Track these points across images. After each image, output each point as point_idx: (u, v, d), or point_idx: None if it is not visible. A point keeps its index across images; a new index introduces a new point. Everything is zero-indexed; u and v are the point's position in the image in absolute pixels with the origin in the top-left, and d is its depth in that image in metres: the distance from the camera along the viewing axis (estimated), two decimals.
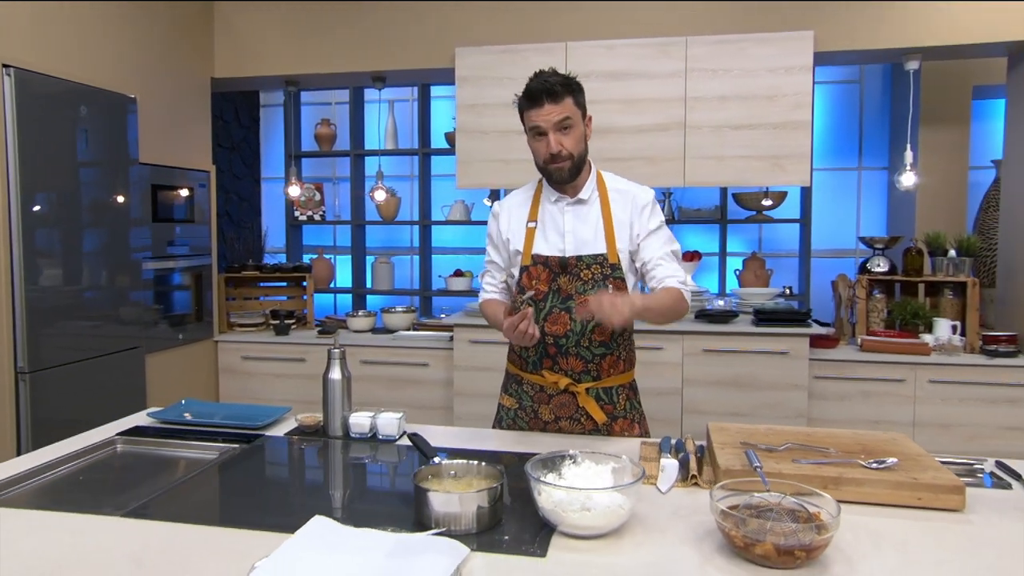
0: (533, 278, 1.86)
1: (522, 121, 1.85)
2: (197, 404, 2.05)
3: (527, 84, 1.81)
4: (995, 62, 3.95)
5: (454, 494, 1.26)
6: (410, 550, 1.14)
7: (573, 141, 1.80)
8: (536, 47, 3.56)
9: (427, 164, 4.84)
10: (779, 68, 3.31)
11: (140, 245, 3.39)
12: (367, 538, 1.19)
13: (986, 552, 1.20)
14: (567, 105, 1.77)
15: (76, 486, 1.56)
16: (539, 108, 1.77)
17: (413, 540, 1.18)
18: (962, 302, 3.55)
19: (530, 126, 1.81)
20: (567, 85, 1.77)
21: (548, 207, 1.88)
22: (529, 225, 1.89)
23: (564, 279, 1.83)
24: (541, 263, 1.85)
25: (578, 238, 1.84)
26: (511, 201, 1.96)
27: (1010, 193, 3.57)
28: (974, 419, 3.28)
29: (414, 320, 4.19)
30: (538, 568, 1.14)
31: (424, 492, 1.28)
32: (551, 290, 1.84)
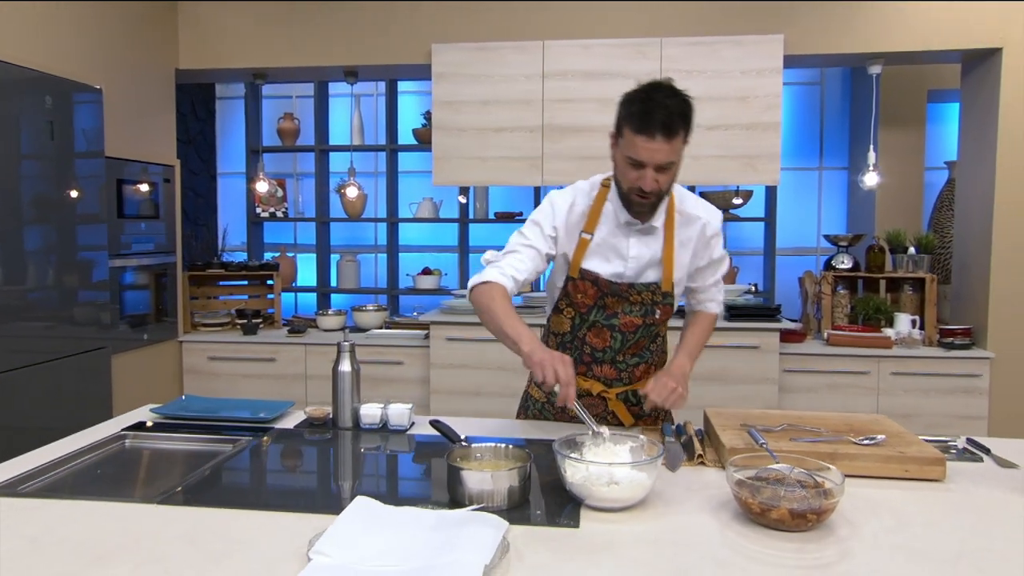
0: (579, 292, 1.82)
1: (617, 132, 1.68)
2: (198, 400, 2.11)
3: (642, 101, 1.59)
4: (949, 68, 4.27)
5: (487, 472, 1.38)
6: (453, 523, 1.25)
7: (668, 179, 1.68)
8: (513, 45, 3.69)
9: (395, 160, 4.92)
10: (751, 70, 3.52)
11: (103, 243, 3.38)
12: (410, 515, 1.29)
13: (967, 515, 1.38)
14: (677, 144, 1.61)
15: (96, 479, 1.62)
16: (648, 140, 1.58)
17: (454, 515, 1.29)
18: (921, 297, 3.83)
19: (630, 153, 1.63)
20: (685, 118, 1.60)
21: (609, 223, 1.79)
22: (583, 236, 1.79)
23: (612, 299, 1.83)
24: (591, 280, 1.81)
25: (639, 264, 1.80)
26: (575, 200, 1.81)
27: (964, 194, 3.87)
28: (933, 409, 3.55)
29: (386, 318, 4.27)
30: (575, 536, 1.27)
31: (458, 471, 1.39)
32: (596, 305, 1.84)
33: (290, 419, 2.01)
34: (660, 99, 1.58)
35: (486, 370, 3.76)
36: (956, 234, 3.96)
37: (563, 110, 3.66)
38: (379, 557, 1.15)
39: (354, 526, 1.23)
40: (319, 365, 3.95)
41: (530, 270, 1.77)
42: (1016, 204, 3.51)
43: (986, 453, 1.72)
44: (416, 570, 1.10)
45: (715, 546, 1.24)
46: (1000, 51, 3.47)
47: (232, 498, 1.46)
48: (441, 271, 4.95)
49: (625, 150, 1.65)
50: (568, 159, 3.68)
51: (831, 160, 4.96)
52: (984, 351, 3.57)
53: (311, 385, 3.96)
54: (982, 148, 3.64)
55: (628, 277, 1.81)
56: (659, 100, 1.58)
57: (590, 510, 1.38)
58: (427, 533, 1.22)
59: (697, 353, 1.78)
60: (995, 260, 3.55)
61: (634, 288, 1.81)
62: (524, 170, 3.72)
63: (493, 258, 1.82)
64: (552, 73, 3.66)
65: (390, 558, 1.15)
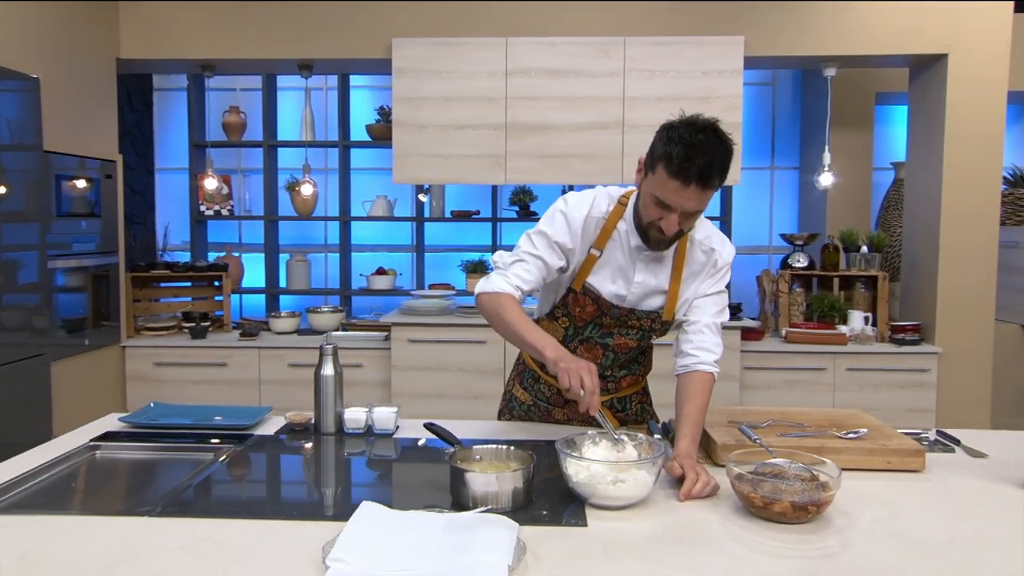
0: (578, 305, 1.83)
1: (649, 166, 1.62)
2: (167, 407, 2.07)
3: (684, 146, 1.51)
4: (896, 71, 4.50)
5: (492, 474, 1.41)
6: (464, 526, 1.27)
7: (691, 224, 1.66)
8: (476, 41, 3.71)
9: (347, 157, 4.87)
10: (712, 71, 3.64)
11: (36, 242, 3.25)
12: (419, 519, 1.31)
13: (949, 503, 1.48)
14: (710, 193, 1.58)
15: (72, 492, 1.57)
16: (682, 187, 1.54)
17: (464, 518, 1.31)
18: (873, 295, 4.03)
19: (659, 193, 1.59)
20: (724, 169, 1.55)
21: (619, 243, 1.78)
22: (592, 252, 1.78)
23: (610, 320, 1.83)
24: (592, 298, 1.81)
25: (643, 290, 1.80)
26: (592, 210, 1.77)
27: (912, 194, 4.09)
28: (887, 403, 3.74)
29: (342, 320, 4.23)
30: (584, 535, 1.31)
31: (463, 473, 1.42)
32: (593, 322, 1.84)
33: (269, 425, 1.98)
34: (704, 145, 1.51)
35: (449, 372, 3.77)
36: (905, 233, 4.18)
37: (526, 108, 3.71)
38: (397, 561, 1.16)
39: (366, 531, 1.24)
40: (274, 369, 3.89)
41: (536, 280, 1.77)
42: (962, 205, 3.72)
43: (956, 444, 1.84)
44: (438, 574, 1.12)
45: (722, 540, 1.30)
46: (946, 57, 3.68)
47: (228, 508, 1.44)
48: (396, 271, 4.94)
49: (654, 188, 1.60)
50: (532, 158, 3.72)
51: (782, 160, 5.15)
52: (932, 346, 3.78)
53: (265, 390, 3.89)
54: (930, 150, 3.85)
55: (630, 302, 1.81)
56: (702, 146, 1.51)
57: (594, 509, 1.42)
58: (440, 536, 1.24)
59: (699, 434, 1.66)
60: (942, 258, 3.76)
61: (635, 314, 1.82)
62: (487, 168, 3.74)
63: (501, 261, 1.82)
64: (516, 70, 3.70)
65: (408, 561, 1.16)
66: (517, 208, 4.83)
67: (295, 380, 3.87)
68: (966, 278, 3.76)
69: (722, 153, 1.54)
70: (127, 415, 1.96)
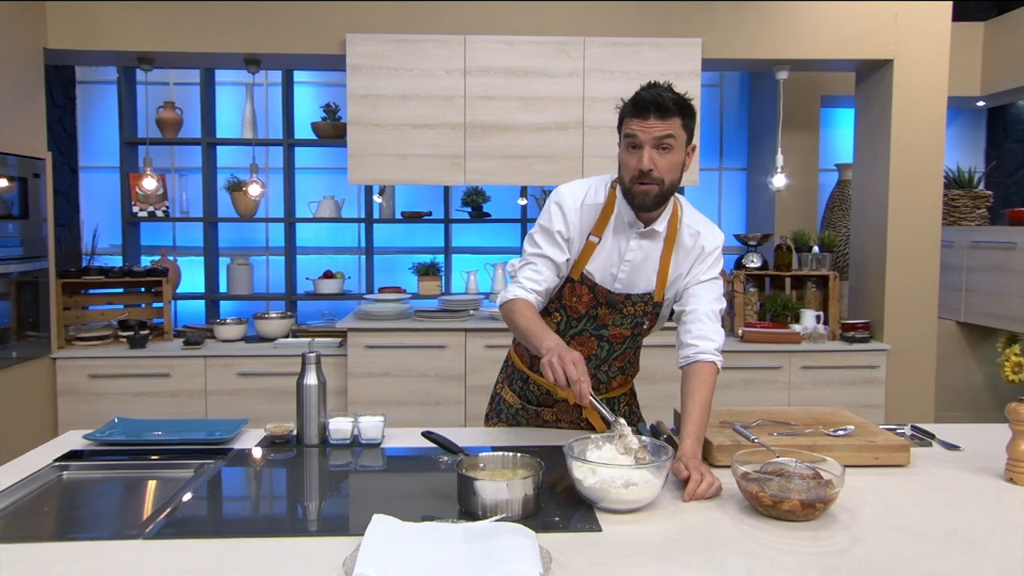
0: (575, 295, 1.87)
1: (619, 131, 1.76)
2: (132, 422, 1.99)
3: (637, 92, 1.71)
4: (840, 75, 4.70)
5: (503, 482, 1.41)
6: (483, 536, 1.27)
7: (668, 165, 1.72)
8: (434, 38, 3.70)
9: (291, 156, 4.77)
10: (671, 72, 3.73)
11: None
12: (435, 530, 1.30)
13: (940, 495, 1.57)
14: (673, 124, 1.69)
15: (47, 518, 1.50)
16: (642, 119, 1.68)
17: (480, 527, 1.31)
18: (824, 294, 4.20)
19: (626, 133, 1.72)
20: (680, 104, 1.70)
21: (615, 227, 1.84)
22: (591, 239, 1.85)
23: (605, 309, 1.88)
24: (589, 285, 1.86)
25: (633, 270, 1.85)
26: (586, 200, 1.85)
27: (859, 195, 4.28)
28: (839, 400, 3.90)
29: (293, 326, 4.14)
30: (601, 540, 1.33)
31: (472, 481, 1.42)
32: (587, 314, 1.89)
33: (246, 438, 1.93)
34: (655, 89, 1.70)
35: (408, 378, 3.74)
36: (853, 234, 4.37)
37: (486, 107, 3.71)
38: (425, 574, 1.16)
39: (385, 545, 1.23)
40: (221, 379, 3.77)
41: (548, 278, 1.84)
42: (908, 206, 3.93)
43: (932, 439, 1.95)
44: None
45: (737, 540, 1.34)
46: (892, 62, 3.88)
47: (227, 527, 1.41)
48: (344, 274, 4.87)
49: (624, 137, 1.74)
50: (491, 158, 3.73)
51: (730, 161, 5.31)
52: (881, 344, 3.97)
53: (213, 401, 3.77)
54: (876, 153, 4.05)
55: (622, 283, 1.86)
56: (654, 87, 1.71)
57: (603, 513, 1.44)
58: (462, 547, 1.24)
59: (704, 433, 1.72)
60: (890, 258, 3.96)
61: (629, 299, 1.87)
62: (446, 168, 3.73)
63: (513, 270, 1.91)
64: (474, 69, 3.70)
65: (436, 573, 1.16)
66: (470, 209, 4.84)
67: (245, 390, 3.77)
68: (912, 277, 3.96)
69: (670, 91, 1.70)
70: (92, 432, 1.88)
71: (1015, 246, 4.46)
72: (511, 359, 2.10)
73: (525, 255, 1.88)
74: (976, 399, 5.00)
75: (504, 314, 1.84)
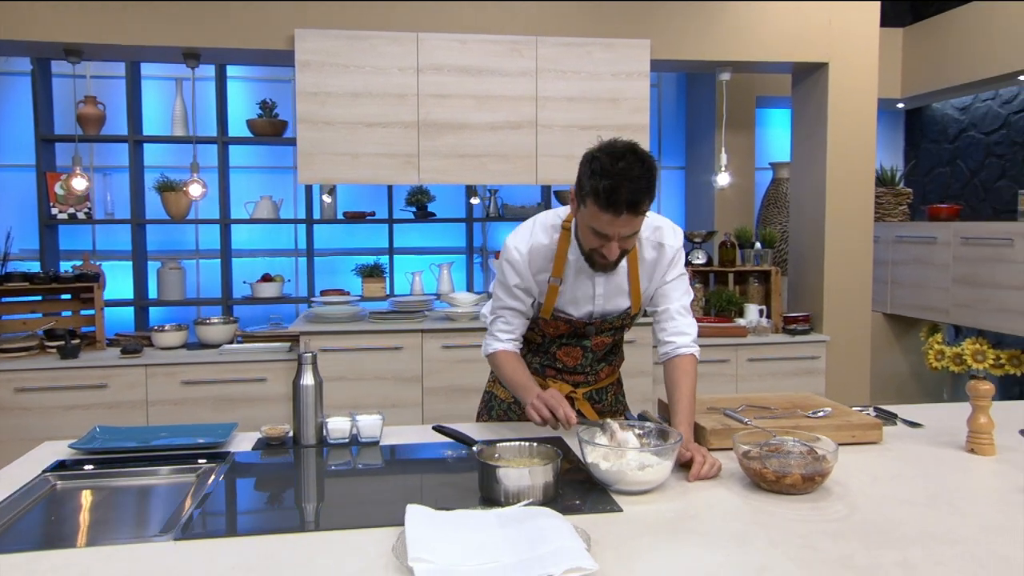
0: (550, 327, 2.02)
1: (579, 195, 1.74)
2: (114, 430, 1.98)
3: (609, 179, 1.63)
4: (775, 76, 5.00)
5: (525, 468, 1.51)
6: (517, 520, 1.37)
7: (632, 243, 1.80)
8: (386, 35, 3.74)
9: (226, 154, 4.71)
10: (621, 73, 3.90)
11: None
12: (469, 516, 1.39)
13: (916, 467, 1.76)
14: (642, 218, 1.73)
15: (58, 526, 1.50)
16: (616, 217, 1.67)
17: (510, 512, 1.41)
18: (766, 288, 4.47)
19: (595, 224, 1.71)
20: (651, 190, 1.68)
21: (574, 264, 1.92)
22: (552, 282, 1.95)
23: (583, 331, 2.03)
24: (564, 319, 2.00)
25: (608, 300, 1.98)
26: (532, 247, 1.93)
27: (797, 193, 4.58)
28: (783, 390, 4.17)
29: (237, 331, 4.10)
30: (625, 519, 1.45)
31: (494, 469, 1.51)
32: (567, 333, 2.04)
33: (239, 442, 1.96)
34: (627, 173, 1.63)
35: (364, 381, 3.77)
36: (792, 230, 4.67)
37: (439, 106, 3.79)
38: (476, 556, 1.24)
39: (429, 531, 1.31)
40: (164, 389, 3.71)
41: (519, 324, 2.03)
42: (844, 204, 4.23)
43: (895, 418, 2.16)
44: (525, 563, 1.21)
45: (748, 513, 1.48)
46: (827, 65, 4.17)
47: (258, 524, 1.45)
48: (283, 277, 4.83)
49: (589, 220, 1.73)
50: (445, 157, 3.81)
51: (669, 160, 5.56)
52: (821, 335, 4.27)
53: (155, 412, 3.70)
54: (813, 153, 4.34)
55: (599, 314, 2.00)
56: (626, 174, 1.63)
57: (619, 495, 1.56)
58: (500, 530, 1.33)
59: (693, 419, 1.85)
60: (828, 253, 4.25)
61: (607, 320, 2.02)
62: (399, 167, 3.78)
63: (487, 322, 2.10)
64: (427, 67, 3.77)
65: (486, 555, 1.25)
66: (414, 209, 4.89)
67: (191, 399, 3.71)
68: (848, 271, 4.27)
69: (646, 177, 1.66)
70: (77, 442, 1.87)
71: (935, 240, 4.86)
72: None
73: (493, 308, 2.06)
74: (902, 386, 5.40)
75: (490, 364, 2.08)
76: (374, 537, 1.36)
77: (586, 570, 1.18)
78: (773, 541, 1.35)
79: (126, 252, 4.75)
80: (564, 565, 1.17)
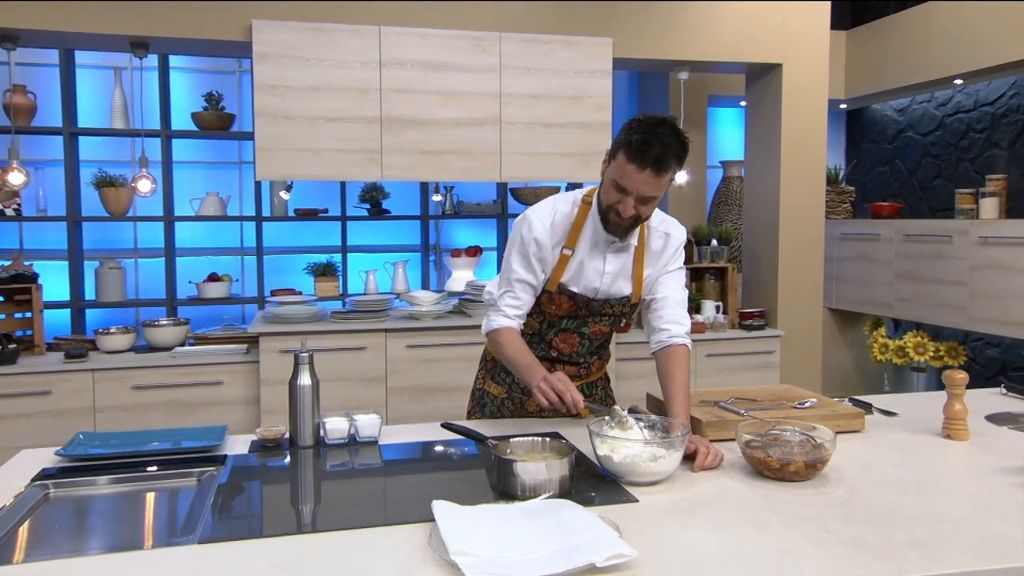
0: (553, 304, 2.06)
1: (613, 151, 1.86)
2: (99, 436, 1.94)
3: (642, 133, 1.77)
4: (723, 76, 5.18)
5: (542, 463, 1.57)
6: (543, 513, 1.42)
7: (649, 210, 1.90)
8: (347, 28, 3.72)
9: (169, 148, 4.60)
10: (584, 71, 3.99)
11: None
12: (494, 511, 1.44)
13: (898, 452, 1.89)
14: (665, 180, 1.83)
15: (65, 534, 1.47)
16: (640, 171, 1.78)
17: (534, 506, 1.46)
18: (722, 285, 4.64)
19: (616, 176, 1.84)
20: (680, 158, 1.81)
21: (588, 240, 2.01)
22: (564, 251, 2.02)
23: (585, 311, 2.08)
24: (568, 295, 2.05)
25: (614, 281, 2.05)
26: (555, 220, 2.01)
27: (751, 191, 4.76)
28: (740, 384, 4.33)
29: (188, 333, 4.02)
30: (644, 508, 1.52)
31: (511, 464, 1.56)
32: (568, 316, 2.09)
33: (233, 445, 1.95)
34: (661, 134, 1.77)
35: (327, 382, 3.72)
36: (746, 227, 4.85)
37: (402, 101, 3.80)
38: (513, 548, 1.29)
39: (462, 525, 1.35)
40: (113, 394, 3.61)
41: (527, 301, 2.06)
42: (797, 202, 4.43)
43: (870, 407, 2.30)
44: (563, 552, 1.27)
45: (757, 499, 1.57)
46: (781, 66, 4.36)
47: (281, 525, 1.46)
48: (232, 277, 4.75)
49: (614, 173, 1.85)
50: (408, 153, 3.82)
51: None
52: (776, 330, 4.45)
53: (104, 419, 3.60)
54: (768, 152, 4.53)
55: (603, 293, 2.07)
56: (660, 136, 1.77)
57: (630, 486, 1.63)
58: (527, 523, 1.39)
59: (689, 411, 1.93)
60: (782, 250, 4.44)
61: (608, 303, 2.08)
62: (361, 164, 3.78)
63: (492, 297, 2.12)
64: (390, 61, 3.77)
65: (524, 547, 1.30)
66: (368, 206, 4.87)
67: (141, 404, 3.63)
68: (801, 267, 4.47)
69: (677, 144, 1.80)
70: (63, 448, 1.83)
71: (879, 237, 5.13)
72: (488, 353, 2.28)
73: (503, 280, 2.07)
74: (846, 379, 5.67)
75: (490, 343, 2.09)
76: (403, 534, 1.39)
77: (626, 556, 1.24)
78: (787, 525, 1.44)
79: (57, 251, 4.60)
80: (605, 552, 1.23)
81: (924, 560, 1.29)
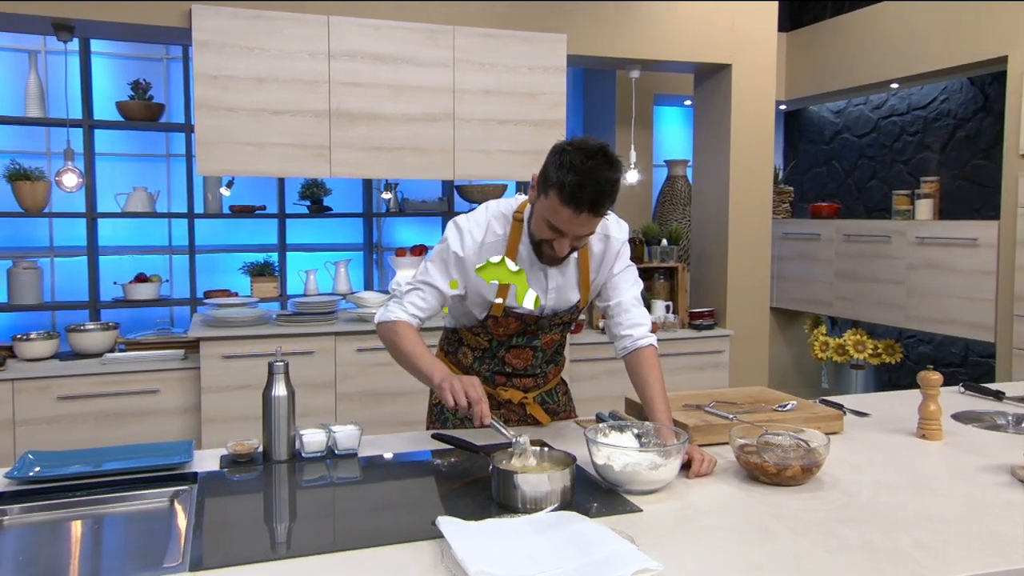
0: (500, 326, 2.03)
1: (543, 185, 1.77)
2: (51, 455, 1.81)
3: (575, 174, 1.68)
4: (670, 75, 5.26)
5: (544, 474, 1.55)
6: (552, 526, 1.40)
7: (584, 241, 1.87)
8: (293, 17, 3.61)
9: (92, 139, 4.38)
10: (538, 67, 3.98)
11: None
12: (502, 525, 1.41)
13: (880, 453, 1.95)
14: (600, 219, 1.78)
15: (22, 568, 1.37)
16: (574, 214, 1.71)
17: (541, 519, 1.44)
18: (671, 284, 4.71)
19: (551, 218, 1.76)
20: (614, 194, 1.74)
21: (526, 257, 1.95)
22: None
23: (534, 328, 2.05)
24: (515, 316, 2.00)
25: (559, 295, 2.01)
26: (486, 239, 1.94)
27: (699, 190, 4.85)
28: (690, 384, 4.41)
29: (118, 338, 3.82)
30: (648, 518, 1.52)
31: (512, 475, 1.53)
32: (517, 333, 2.05)
33: (200, 460, 1.86)
34: (595, 172, 1.69)
35: None
36: (695, 227, 4.94)
37: (352, 95, 3.70)
38: (533, 565, 1.27)
39: (474, 542, 1.32)
40: (35, 406, 3.40)
41: (433, 308, 1.98)
42: (745, 202, 4.54)
43: (842, 408, 2.36)
44: (584, 568, 1.25)
45: (759, 505, 1.59)
46: (730, 67, 4.45)
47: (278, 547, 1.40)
48: (161, 277, 4.56)
49: (547, 212, 1.77)
50: (359, 149, 3.73)
51: None
52: (725, 330, 4.55)
53: (24, 433, 3.39)
54: (717, 152, 4.62)
55: (550, 308, 2.02)
56: (594, 174, 1.68)
57: (630, 494, 1.63)
58: (538, 537, 1.36)
59: (671, 415, 1.92)
60: (731, 250, 4.54)
61: (557, 315, 2.05)
62: (309, 159, 3.67)
63: (399, 290, 2.00)
64: (339, 53, 3.67)
65: (543, 563, 1.27)
66: (308, 203, 4.75)
67: (68, 416, 3.43)
68: (748, 266, 4.59)
69: (612, 180, 1.73)
70: (12, 470, 1.70)
71: (819, 237, 5.31)
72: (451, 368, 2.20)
73: (415, 279, 1.98)
74: (785, 377, 5.85)
75: (383, 333, 1.97)
76: (409, 553, 1.34)
77: (652, 571, 1.23)
78: (795, 531, 1.46)
79: None
80: (632, 567, 1.22)
81: (933, 562, 1.33)
